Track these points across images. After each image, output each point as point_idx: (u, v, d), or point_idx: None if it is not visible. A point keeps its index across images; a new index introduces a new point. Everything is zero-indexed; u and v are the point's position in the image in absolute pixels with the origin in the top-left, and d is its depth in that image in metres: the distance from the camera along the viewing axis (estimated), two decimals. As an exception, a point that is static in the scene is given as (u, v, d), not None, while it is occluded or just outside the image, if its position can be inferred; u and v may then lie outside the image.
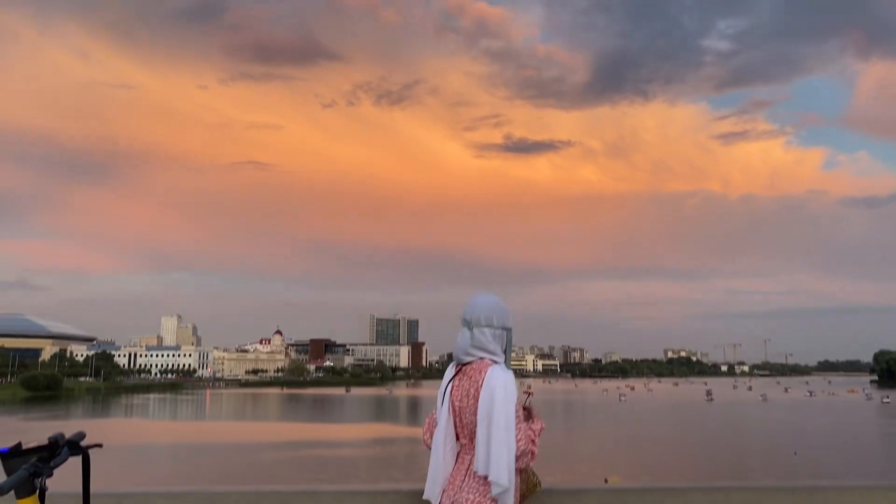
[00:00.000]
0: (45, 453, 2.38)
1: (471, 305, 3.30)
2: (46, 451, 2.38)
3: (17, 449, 2.35)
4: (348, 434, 65.99)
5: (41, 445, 2.39)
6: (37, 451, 2.37)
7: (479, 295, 3.36)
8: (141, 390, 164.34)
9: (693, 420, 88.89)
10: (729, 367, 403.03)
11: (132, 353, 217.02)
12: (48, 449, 2.39)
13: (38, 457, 2.36)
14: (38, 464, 2.32)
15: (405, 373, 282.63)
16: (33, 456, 2.35)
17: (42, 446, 2.39)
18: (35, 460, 2.34)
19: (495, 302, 3.32)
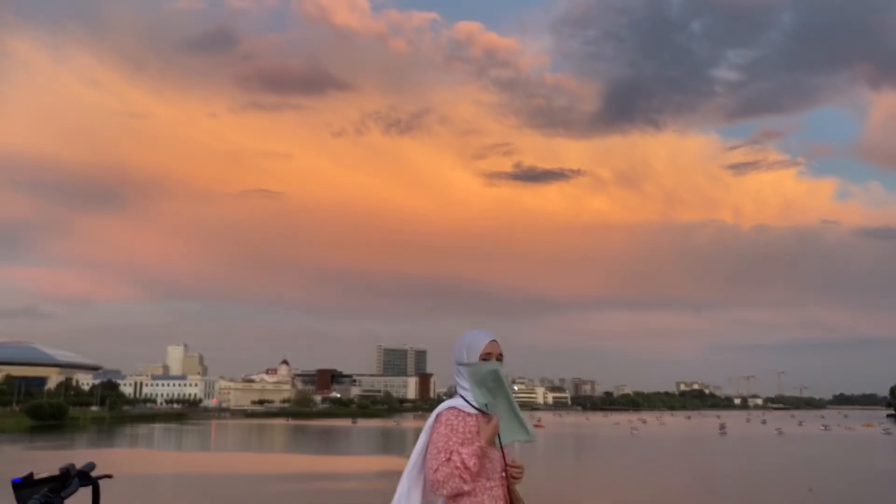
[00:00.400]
0: (56, 483, 2.39)
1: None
2: (58, 482, 2.40)
3: (29, 479, 2.36)
4: (355, 466, 64.81)
5: (52, 476, 2.41)
6: (48, 481, 2.38)
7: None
8: (146, 420, 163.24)
9: (706, 454, 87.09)
10: (742, 399, 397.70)
11: (138, 381, 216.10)
12: (59, 479, 2.41)
13: (49, 487, 2.37)
14: (50, 494, 2.33)
15: (413, 404, 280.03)
16: (45, 486, 2.36)
17: (53, 476, 2.41)
18: (46, 490, 2.35)
19: (458, 339, 3.47)
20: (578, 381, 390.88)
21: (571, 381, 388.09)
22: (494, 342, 3.33)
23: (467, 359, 3.30)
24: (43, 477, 2.35)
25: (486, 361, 3.27)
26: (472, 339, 3.33)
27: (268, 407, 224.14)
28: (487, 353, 3.29)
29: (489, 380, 3.24)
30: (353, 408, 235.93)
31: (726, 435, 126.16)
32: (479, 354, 3.29)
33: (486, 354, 3.29)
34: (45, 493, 2.30)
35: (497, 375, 3.24)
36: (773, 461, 73.48)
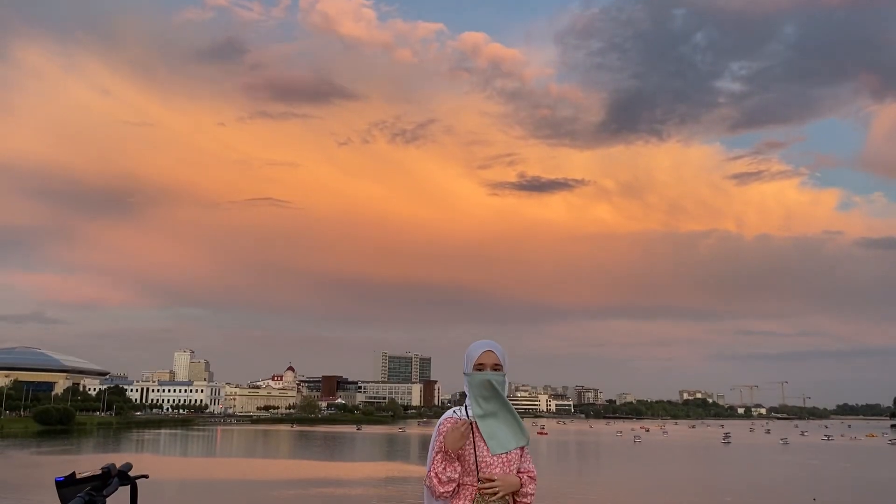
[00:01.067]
0: (97, 482, 2.51)
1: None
2: (99, 481, 2.51)
3: (72, 478, 2.49)
4: (360, 473, 65.33)
5: (94, 475, 2.52)
6: (90, 480, 2.50)
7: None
8: (152, 425, 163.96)
9: (710, 464, 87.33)
10: (745, 409, 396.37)
11: (144, 387, 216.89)
12: (100, 478, 2.52)
13: (91, 486, 2.48)
14: (93, 492, 2.45)
15: (417, 411, 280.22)
16: (87, 485, 2.47)
17: (95, 476, 2.52)
18: (89, 489, 2.46)
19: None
20: (581, 388, 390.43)
21: (574, 389, 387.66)
22: (489, 353, 3.52)
23: (466, 369, 3.55)
24: (85, 476, 2.50)
25: (479, 372, 3.49)
26: (470, 350, 3.57)
27: (273, 413, 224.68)
28: (480, 363, 3.50)
29: (482, 389, 3.47)
30: (357, 414, 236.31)
31: (730, 444, 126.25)
32: (473, 365, 3.51)
33: (478, 365, 3.50)
34: (88, 491, 2.46)
35: (490, 385, 3.46)
36: (778, 471, 73.76)
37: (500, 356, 3.52)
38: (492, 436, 3.45)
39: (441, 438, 3.45)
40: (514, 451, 3.51)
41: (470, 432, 3.45)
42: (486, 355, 3.51)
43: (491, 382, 3.44)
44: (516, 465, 3.51)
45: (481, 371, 3.48)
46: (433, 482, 3.40)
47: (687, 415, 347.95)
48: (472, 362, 3.51)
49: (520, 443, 3.53)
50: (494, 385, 3.45)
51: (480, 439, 3.46)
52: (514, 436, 3.50)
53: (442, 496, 3.41)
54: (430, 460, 3.49)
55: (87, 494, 2.42)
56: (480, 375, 3.47)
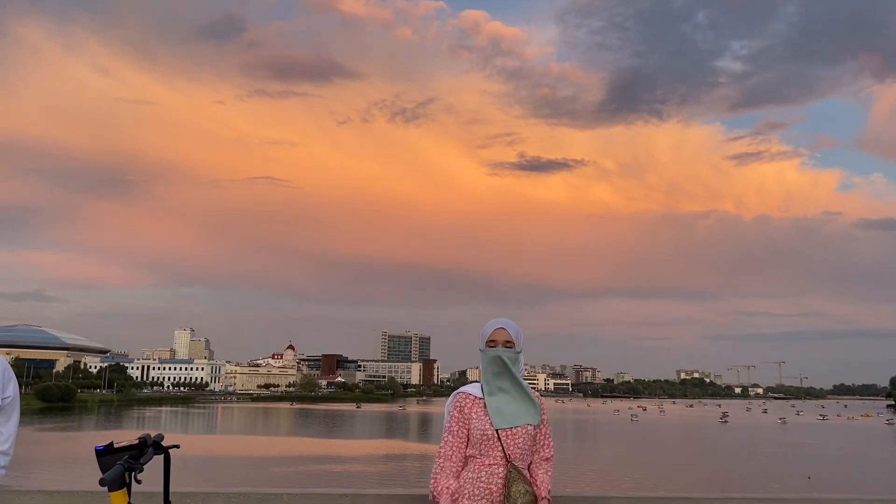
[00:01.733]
0: (134, 451, 2.67)
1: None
2: (135, 450, 2.68)
3: (110, 447, 2.66)
4: (359, 450, 66.03)
5: (131, 444, 2.70)
6: (127, 449, 2.67)
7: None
8: (153, 403, 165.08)
9: (706, 442, 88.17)
10: (743, 389, 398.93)
11: (145, 365, 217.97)
12: (137, 448, 2.69)
13: (128, 454, 2.64)
14: (131, 460, 2.61)
15: (416, 389, 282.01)
16: (124, 454, 2.64)
17: (132, 445, 2.70)
18: (126, 457, 2.63)
19: None
20: (580, 368, 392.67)
21: (573, 368, 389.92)
22: (500, 329, 3.55)
23: (480, 346, 3.58)
24: (122, 445, 2.70)
25: (490, 348, 3.53)
26: (485, 328, 3.60)
27: (273, 391, 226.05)
28: (492, 340, 3.53)
29: (492, 365, 3.51)
30: (357, 392, 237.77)
31: (727, 423, 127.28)
32: (486, 342, 3.55)
33: (490, 342, 3.53)
34: (127, 459, 2.63)
35: (500, 361, 3.50)
36: (774, 450, 74.50)
37: (512, 333, 3.55)
38: (497, 411, 3.45)
39: (455, 413, 3.51)
40: (522, 429, 3.45)
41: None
42: (497, 332, 3.55)
43: (501, 358, 3.48)
44: (525, 443, 3.46)
45: (493, 348, 3.53)
46: (433, 486, 3.49)
47: (684, 394, 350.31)
48: (485, 339, 3.56)
49: (529, 420, 3.48)
50: (505, 361, 3.49)
51: (486, 414, 3.47)
52: (524, 413, 3.49)
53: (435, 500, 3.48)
54: (441, 443, 3.54)
55: (127, 462, 2.59)
56: (491, 351, 3.51)
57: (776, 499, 3.64)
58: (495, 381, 3.51)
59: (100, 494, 3.59)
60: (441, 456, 3.50)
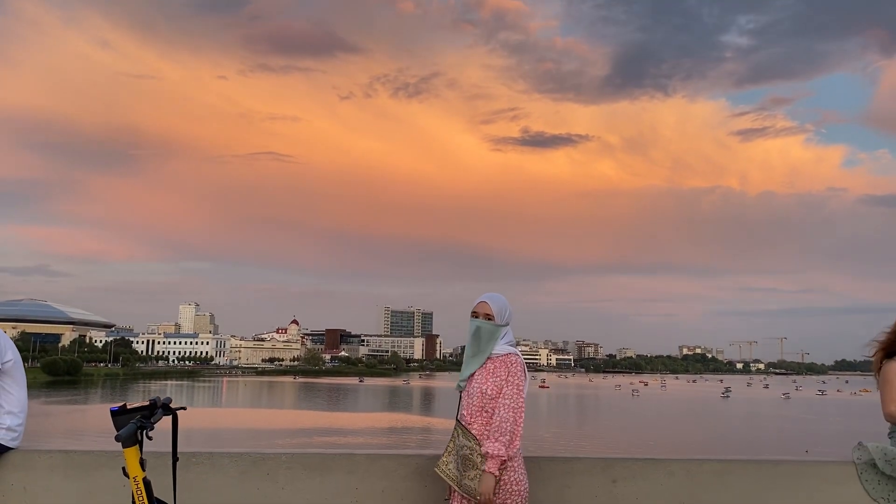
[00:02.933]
0: (146, 412, 2.90)
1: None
2: (147, 410, 2.92)
3: (124, 408, 2.90)
4: (363, 422, 66.80)
5: (143, 405, 2.93)
6: (139, 410, 2.90)
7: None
8: (158, 377, 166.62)
9: (706, 417, 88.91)
10: (744, 364, 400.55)
11: (150, 339, 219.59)
12: (148, 409, 2.93)
13: (140, 415, 2.87)
14: (143, 420, 2.85)
15: (419, 364, 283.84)
16: (136, 414, 2.87)
17: (144, 406, 2.93)
18: (138, 417, 2.86)
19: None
20: (582, 343, 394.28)
21: (575, 344, 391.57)
22: (483, 303, 3.85)
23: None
24: (135, 406, 2.95)
25: (473, 319, 3.85)
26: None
27: (278, 365, 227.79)
28: (475, 312, 3.84)
29: (472, 334, 3.84)
30: (360, 367, 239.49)
31: (729, 398, 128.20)
32: (471, 313, 3.88)
33: (473, 313, 3.84)
34: (139, 418, 2.88)
35: (473, 330, 3.82)
36: (773, 425, 75.17)
37: (494, 307, 3.80)
38: (461, 371, 3.87)
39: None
40: (473, 387, 3.74)
41: None
42: (480, 305, 3.83)
43: (476, 328, 3.79)
44: (473, 401, 3.72)
45: (475, 318, 3.82)
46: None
47: (686, 370, 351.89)
48: (471, 310, 3.88)
49: (463, 373, 3.82)
50: (474, 328, 3.80)
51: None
52: (469, 370, 3.82)
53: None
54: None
55: (139, 421, 2.84)
56: (471, 322, 3.83)
57: (733, 460, 3.94)
58: (468, 348, 3.85)
59: (114, 454, 3.91)
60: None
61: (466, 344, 3.87)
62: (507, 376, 3.71)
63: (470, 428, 3.66)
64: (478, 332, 3.79)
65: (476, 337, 3.80)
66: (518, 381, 3.71)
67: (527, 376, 3.82)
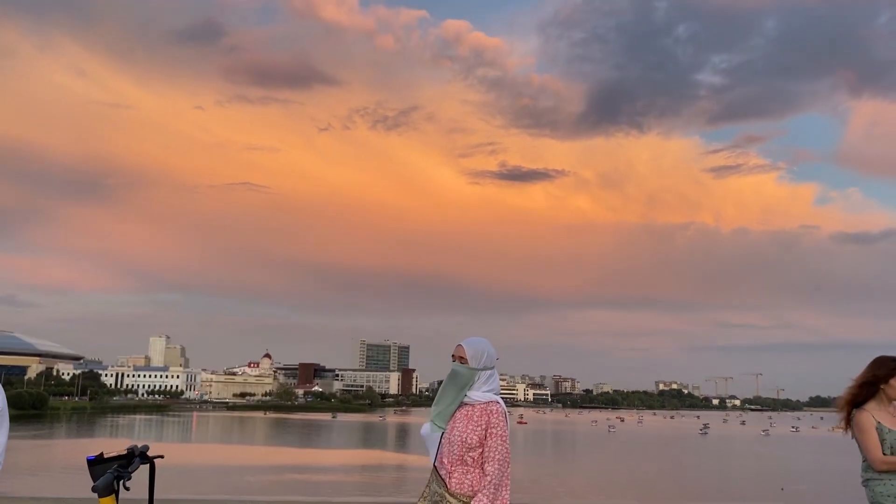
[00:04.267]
0: (123, 461, 2.81)
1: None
2: (124, 459, 2.82)
3: (101, 457, 2.81)
4: (336, 459, 65.44)
5: (120, 454, 2.84)
6: (116, 459, 2.82)
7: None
8: (127, 411, 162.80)
9: (684, 453, 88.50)
10: (720, 400, 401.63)
11: (119, 372, 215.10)
12: (125, 458, 2.83)
13: (117, 464, 2.78)
14: (120, 469, 2.76)
15: (395, 399, 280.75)
16: (114, 463, 2.79)
17: (121, 455, 2.84)
18: (116, 466, 2.77)
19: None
20: (559, 378, 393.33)
21: (552, 379, 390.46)
22: (459, 346, 3.87)
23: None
24: (112, 455, 2.84)
25: (454, 363, 3.85)
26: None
27: (249, 400, 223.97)
28: (453, 356, 3.86)
29: (450, 377, 3.83)
30: (334, 402, 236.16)
31: (707, 435, 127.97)
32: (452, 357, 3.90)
33: (453, 357, 3.86)
34: (116, 468, 2.78)
35: (453, 374, 3.81)
36: (749, 463, 74.87)
37: (467, 350, 3.80)
38: (431, 416, 3.82)
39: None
40: (457, 438, 3.65)
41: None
42: (457, 348, 3.86)
43: (453, 370, 3.80)
44: (447, 448, 3.66)
45: (454, 361, 3.84)
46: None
47: (662, 405, 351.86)
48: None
49: (434, 412, 3.78)
50: (452, 372, 3.80)
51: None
52: (440, 420, 3.78)
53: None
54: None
55: (116, 471, 2.72)
56: (452, 366, 3.84)
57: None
58: (441, 389, 3.85)
59: (86, 500, 3.46)
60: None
61: (449, 388, 3.84)
62: (489, 427, 3.65)
63: (450, 478, 3.61)
64: (452, 376, 3.80)
65: (450, 379, 3.81)
66: (502, 431, 3.67)
67: (508, 423, 3.77)
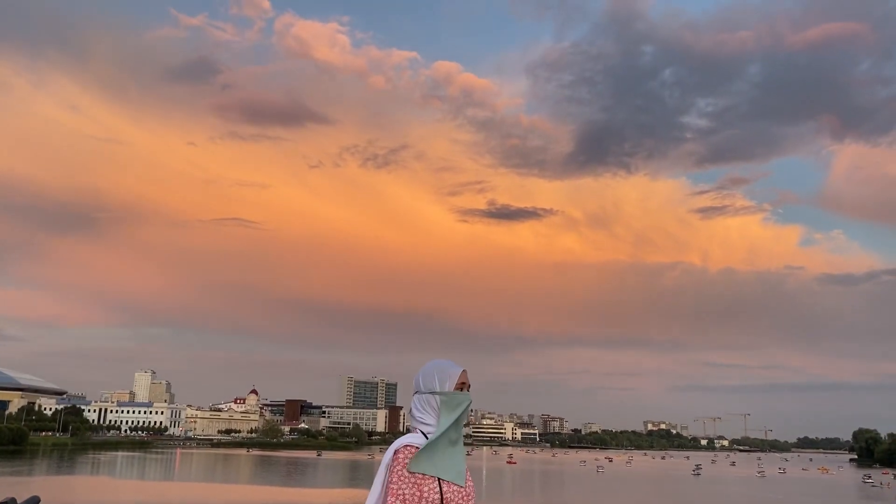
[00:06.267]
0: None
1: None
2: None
3: None
4: (321, 499, 64.36)
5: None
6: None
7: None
8: (109, 447, 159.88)
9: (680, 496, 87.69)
10: (709, 441, 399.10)
11: (102, 408, 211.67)
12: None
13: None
14: None
15: (381, 437, 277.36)
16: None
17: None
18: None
19: (423, 368, 3.38)
20: (547, 417, 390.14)
21: (540, 418, 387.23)
22: (465, 372, 3.30)
23: (440, 387, 3.23)
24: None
25: (460, 392, 3.23)
26: (446, 367, 3.28)
27: (234, 437, 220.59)
28: (462, 382, 3.24)
29: (466, 413, 3.21)
30: (321, 440, 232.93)
31: (700, 476, 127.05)
32: (456, 384, 3.24)
33: (460, 384, 3.24)
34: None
35: (468, 408, 3.24)
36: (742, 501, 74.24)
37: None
38: (455, 466, 3.11)
39: (400, 471, 3.07)
40: (470, 488, 3.17)
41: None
42: (465, 375, 3.27)
43: (469, 403, 3.24)
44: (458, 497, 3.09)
45: (462, 391, 3.21)
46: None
47: (651, 445, 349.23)
48: (455, 380, 3.23)
49: (458, 481, 3.13)
50: (467, 408, 3.24)
51: (444, 470, 3.10)
52: (459, 471, 3.15)
53: None
54: (375, 500, 3.11)
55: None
56: (466, 396, 3.21)
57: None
58: (457, 431, 3.16)
59: None
60: None
61: (454, 425, 3.15)
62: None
63: None
64: (466, 409, 3.20)
65: (464, 417, 3.19)
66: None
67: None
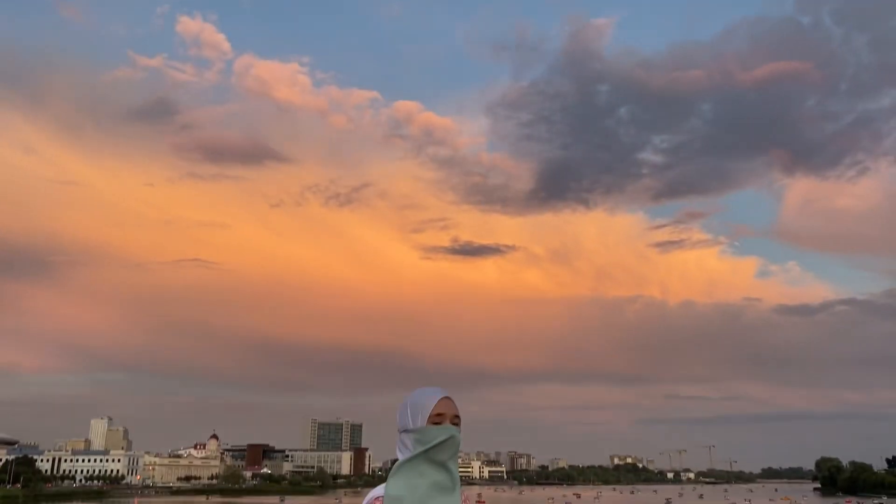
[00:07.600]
0: None
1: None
2: None
3: None
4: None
5: None
6: None
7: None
8: (62, 498, 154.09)
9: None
10: (675, 473, 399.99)
11: (56, 457, 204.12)
12: None
13: None
14: None
15: (347, 480, 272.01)
16: None
17: None
18: None
19: (405, 397, 2.75)
20: (514, 454, 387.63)
21: (507, 455, 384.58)
22: (447, 400, 2.63)
23: (412, 423, 2.56)
24: None
25: (438, 426, 2.55)
26: (419, 398, 2.62)
27: (195, 483, 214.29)
28: (439, 413, 2.57)
29: (448, 450, 2.52)
30: (284, 484, 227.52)
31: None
32: (429, 417, 2.55)
33: (437, 416, 2.57)
34: None
35: (456, 444, 2.57)
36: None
37: (456, 406, 2.66)
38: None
39: None
40: None
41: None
42: (444, 403, 2.61)
43: (457, 440, 2.56)
44: None
45: (440, 424, 2.55)
46: None
47: (618, 480, 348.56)
48: (427, 413, 2.56)
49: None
50: (459, 444, 2.60)
51: None
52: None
53: None
54: None
55: None
56: (444, 430, 2.53)
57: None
58: (442, 473, 2.54)
59: None
60: None
61: (432, 467, 2.54)
62: None
63: None
64: (458, 448, 2.60)
65: (456, 454, 2.60)
66: None
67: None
